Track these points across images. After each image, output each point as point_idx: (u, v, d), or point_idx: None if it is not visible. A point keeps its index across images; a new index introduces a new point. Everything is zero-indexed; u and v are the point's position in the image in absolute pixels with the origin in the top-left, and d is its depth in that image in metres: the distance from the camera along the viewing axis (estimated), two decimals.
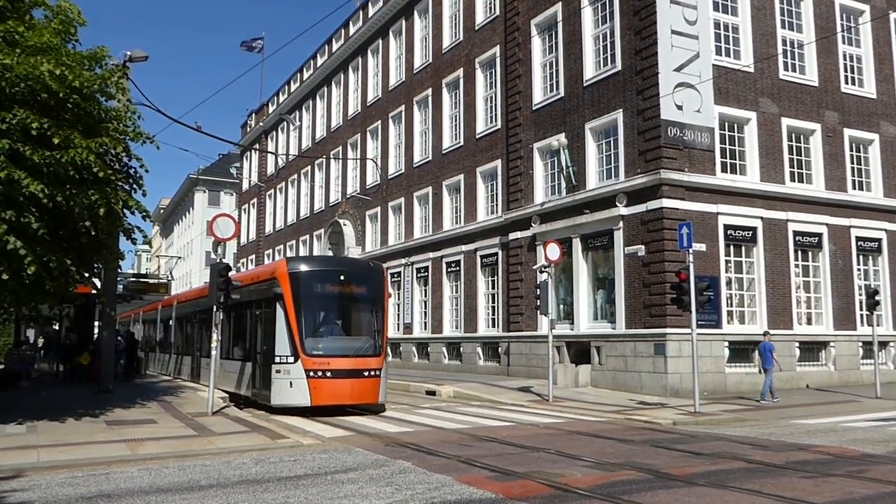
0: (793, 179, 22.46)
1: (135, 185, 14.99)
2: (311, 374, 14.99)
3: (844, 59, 24.23)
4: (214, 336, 15.67)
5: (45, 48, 12.56)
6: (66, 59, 12.73)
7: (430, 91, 32.08)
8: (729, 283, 20.87)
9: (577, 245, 22.59)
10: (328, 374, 15.04)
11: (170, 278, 41.97)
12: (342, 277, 16.29)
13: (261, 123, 52.96)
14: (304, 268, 16.30)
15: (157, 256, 67.81)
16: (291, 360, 15.17)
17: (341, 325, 16.58)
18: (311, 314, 15.89)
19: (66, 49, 13.52)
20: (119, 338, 25.52)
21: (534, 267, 22.66)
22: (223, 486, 8.21)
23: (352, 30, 39.97)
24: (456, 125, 30.31)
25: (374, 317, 16.58)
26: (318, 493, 7.79)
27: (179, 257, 55.90)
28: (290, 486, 8.18)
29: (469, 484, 8.21)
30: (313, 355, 15.14)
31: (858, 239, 23.42)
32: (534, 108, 25.21)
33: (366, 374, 15.49)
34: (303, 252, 44.20)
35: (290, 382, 15.11)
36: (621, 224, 20.88)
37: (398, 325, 33.02)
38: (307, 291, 15.80)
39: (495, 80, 27.77)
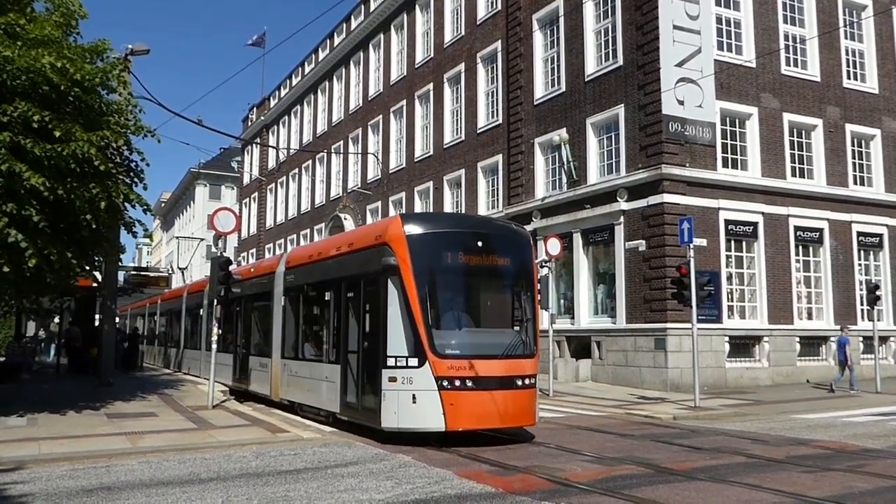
0: (794, 175, 22.43)
1: (136, 179, 14.97)
2: (446, 383, 10.45)
3: (846, 55, 24.17)
4: (215, 330, 15.68)
5: (47, 41, 12.55)
6: (68, 52, 12.71)
7: (431, 85, 32.03)
8: (729, 277, 20.86)
9: (577, 240, 22.58)
10: (469, 383, 10.51)
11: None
12: (480, 243, 11.53)
13: (262, 117, 52.88)
14: (428, 228, 11.55)
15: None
16: (414, 362, 10.62)
17: (481, 311, 12.10)
18: (441, 295, 11.34)
19: (68, 42, 13.51)
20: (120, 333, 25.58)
21: (535, 261, 22.67)
22: (223, 480, 8.23)
23: (353, 24, 39.89)
24: (457, 120, 30.27)
25: (522, 300, 11.94)
26: (318, 487, 7.80)
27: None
28: (291, 480, 8.20)
29: (469, 478, 8.23)
30: (448, 356, 10.59)
31: (859, 234, 23.41)
32: (535, 103, 25.17)
33: (519, 383, 10.94)
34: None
35: (413, 396, 10.56)
36: (622, 219, 20.86)
37: None
38: (435, 262, 11.29)
39: (497, 75, 27.73)
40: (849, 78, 24.03)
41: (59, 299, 26.30)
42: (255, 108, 55.91)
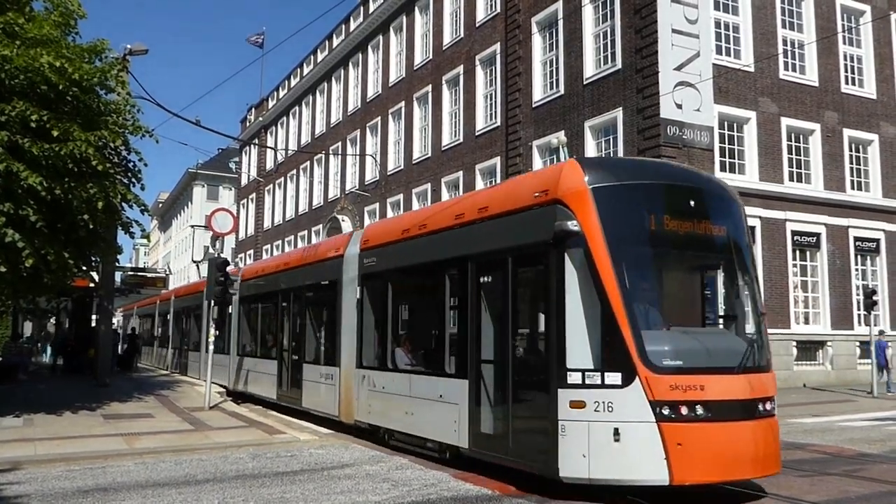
0: (791, 179, 22.48)
1: (133, 179, 14.98)
2: (668, 411, 6.97)
3: (845, 60, 24.23)
4: (211, 331, 15.69)
5: (45, 40, 12.55)
6: (66, 52, 12.72)
7: (430, 88, 32.04)
8: None
9: None
10: (701, 410, 7.05)
11: (193, 261, 40.66)
12: (693, 203, 7.97)
13: (260, 118, 52.88)
14: (622, 178, 8.03)
15: (192, 227, 66.91)
16: (616, 379, 7.15)
17: (696, 301, 8.77)
18: (645, 279, 8.09)
19: (66, 41, 13.52)
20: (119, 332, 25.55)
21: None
22: (219, 481, 8.22)
23: (352, 25, 39.92)
24: (456, 122, 30.28)
25: (744, 286, 8.43)
26: (314, 489, 7.79)
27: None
28: (287, 482, 8.19)
29: (465, 481, 8.23)
30: (669, 369, 7.12)
31: (857, 239, 23.45)
32: (534, 106, 25.18)
33: (761, 408, 7.51)
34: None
35: (615, 430, 7.08)
36: None
37: None
38: (635, 229, 7.85)
39: (495, 78, 27.74)
40: (847, 83, 24.08)
41: (56, 299, 26.29)
42: (253, 109, 55.92)
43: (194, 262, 38.78)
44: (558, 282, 7.60)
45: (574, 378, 7.36)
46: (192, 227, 69.20)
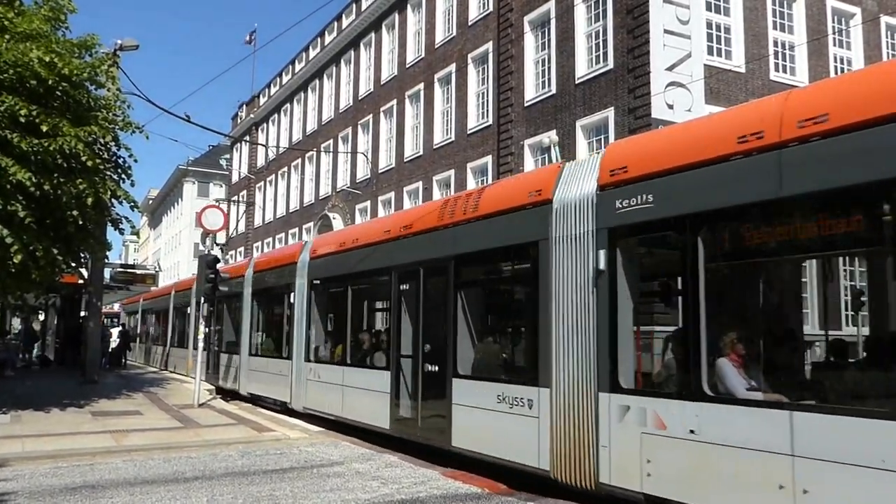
0: None
1: (123, 175, 14.92)
2: None
3: (835, 62, 24.36)
4: (201, 329, 15.63)
5: (35, 35, 12.49)
6: (56, 47, 12.67)
7: (422, 86, 32.04)
8: None
9: None
10: None
11: (217, 244, 39.68)
12: None
13: (252, 115, 52.72)
14: None
15: (216, 200, 66.79)
16: None
17: None
18: None
19: (56, 36, 13.46)
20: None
21: None
22: (209, 479, 8.20)
23: (344, 23, 39.87)
24: (447, 120, 30.27)
25: None
26: (303, 487, 7.79)
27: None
28: (276, 479, 8.18)
29: (455, 479, 8.24)
30: None
31: None
32: (525, 105, 25.21)
33: None
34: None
35: None
36: None
37: None
38: None
39: (487, 76, 27.76)
40: None
41: (45, 296, 26.17)
42: (244, 106, 55.74)
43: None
44: None
45: None
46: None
